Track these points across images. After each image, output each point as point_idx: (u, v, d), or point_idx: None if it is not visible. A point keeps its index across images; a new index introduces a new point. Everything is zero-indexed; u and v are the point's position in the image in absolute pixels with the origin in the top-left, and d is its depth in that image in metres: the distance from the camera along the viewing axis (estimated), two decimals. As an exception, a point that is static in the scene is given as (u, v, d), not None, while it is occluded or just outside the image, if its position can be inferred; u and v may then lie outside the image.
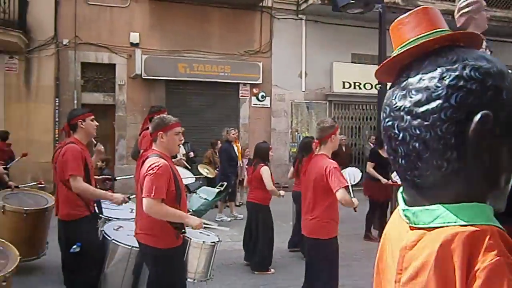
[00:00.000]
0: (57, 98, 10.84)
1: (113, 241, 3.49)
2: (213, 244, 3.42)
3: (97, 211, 3.79)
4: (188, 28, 11.74)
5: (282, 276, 5.26)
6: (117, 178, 4.09)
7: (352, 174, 5.75)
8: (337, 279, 3.73)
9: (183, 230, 3.04)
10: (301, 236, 4.03)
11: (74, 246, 3.44)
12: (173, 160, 8.19)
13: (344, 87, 13.08)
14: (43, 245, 4.99)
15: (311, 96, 12.93)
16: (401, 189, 0.82)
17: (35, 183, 5.75)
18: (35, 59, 10.72)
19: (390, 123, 0.76)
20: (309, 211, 3.69)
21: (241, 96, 12.41)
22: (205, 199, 7.34)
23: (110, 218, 3.95)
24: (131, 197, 3.75)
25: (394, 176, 5.58)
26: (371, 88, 12.44)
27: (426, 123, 0.70)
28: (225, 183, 7.72)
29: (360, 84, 13.13)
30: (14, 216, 4.48)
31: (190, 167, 7.97)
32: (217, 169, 9.53)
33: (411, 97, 0.73)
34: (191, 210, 7.41)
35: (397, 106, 0.75)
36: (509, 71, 0.73)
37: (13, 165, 7.84)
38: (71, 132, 3.78)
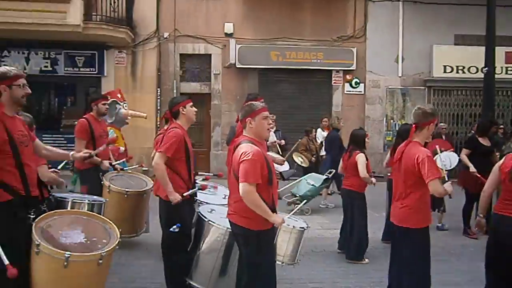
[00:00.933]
0: (158, 88, 11.64)
1: (209, 222, 3.68)
2: (302, 229, 3.45)
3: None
4: (281, 16, 11.80)
5: (373, 267, 5.14)
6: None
7: (448, 159, 5.36)
8: (428, 272, 3.51)
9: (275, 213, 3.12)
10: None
11: (174, 227, 3.69)
12: (268, 143, 8.39)
13: (445, 72, 12.17)
14: (142, 224, 5.42)
15: (408, 82, 12.28)
16: None
17: (137, 165, 6.24)
18: (140, 53, 11.58)
19: None
20: (400, 199, 3.53)
21: (334, 83, 12.21)
22: (312, 185, 7.42)
23: (203, 202, 4.17)
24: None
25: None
26: (477, 71, 11.44)
27: None
28: (333, 170, 7.66)
29: (463, 67, 12.13)
30: (117, 196, 4.91)
31: (280, 153, 8.07)
32: (314, 156, 9.52)
33: None
34: (298, 195, 7.58)
35: None
36: None
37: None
38: (173, 119, 4.05)
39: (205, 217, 3.70)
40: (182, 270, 3.80)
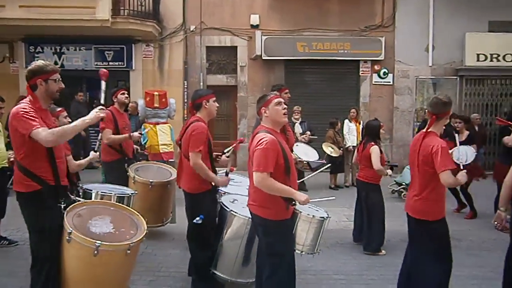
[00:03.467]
0: (185, 81, 11.75)
1: (231, 212, 3.70)
2: (321, 219, 3.42)
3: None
4: (307, 6, 11.65)
5: (400, 260, 5.04)
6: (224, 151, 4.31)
7: (464, 153, 5.25)
8: (449, 264, 3.42)
9: (294, 203, 3.11)
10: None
11: (197, 218, 3.73)
12: (298, 137, 8.31)
13: (478, 60, 11.71)
14: (167, 214, 5.52)
15: (439, 72, 11.91)
16: None
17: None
18: (167, 46, 11.71)
19: None
20: (415, 191, 3.46)
21: (362, 73, 11.99)
22: None
23: (226, 192, 4.18)
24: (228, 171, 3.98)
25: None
26: (512, 60, 11.02)
27: None
28: None
29: (498, 56, 11.65)
30: (142, 187, 5.00)
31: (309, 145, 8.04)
32: (341, 148, 9.44)
33: None
34: (404, 183, 7.63)
35: None
36: None
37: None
38: (194, 111, 4.07)
39: (227, 207, 3.72)
40: (207, 260, 3.84)
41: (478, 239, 5.96)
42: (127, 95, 5.67)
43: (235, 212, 3.66)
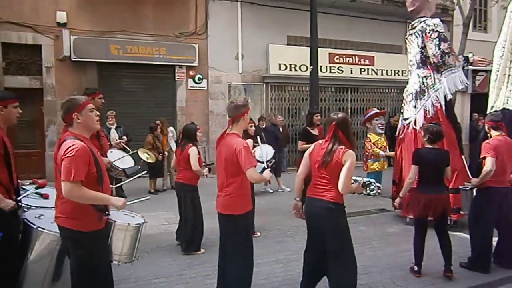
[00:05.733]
0: (-24, 82, 10.09)
1: (39, 228, 3.34)
2: (138, 225, 3.39)
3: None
4: (120, 8, 11.29)
5: (217, 256, 5.35)
6: None
7: (265, 151, 6.03)
8: (251, 252, 3.76)
9: (107, 213, 3.00)
10: None
11: (-4, 236, 3.28)
12: (112, 143, 7.93)
13: (280, 69, 13.27)
14: None
15: (248, 78, 13.00)
16: None
17: None
18: (-51, 40, 9.88)
19: None
20: (222, 188, 3.71)
21: (178, 78, 12.22)
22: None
23: (30, 206, 3.76)
24: None
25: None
26: (306, 70, 12.71)
27: None
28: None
29: (295, 66, 13.39)
30: None
31: (129, 150, 7.79)
32: (161, 154, 9.39)
33: None
34: None
35: None
36: None
37: None
38: None
39: (33, 224, 3.36)
40: (8, 284, 3.40)
41: (284, 228, 6.71)
42: None
43: (43, 229, 3.32)
